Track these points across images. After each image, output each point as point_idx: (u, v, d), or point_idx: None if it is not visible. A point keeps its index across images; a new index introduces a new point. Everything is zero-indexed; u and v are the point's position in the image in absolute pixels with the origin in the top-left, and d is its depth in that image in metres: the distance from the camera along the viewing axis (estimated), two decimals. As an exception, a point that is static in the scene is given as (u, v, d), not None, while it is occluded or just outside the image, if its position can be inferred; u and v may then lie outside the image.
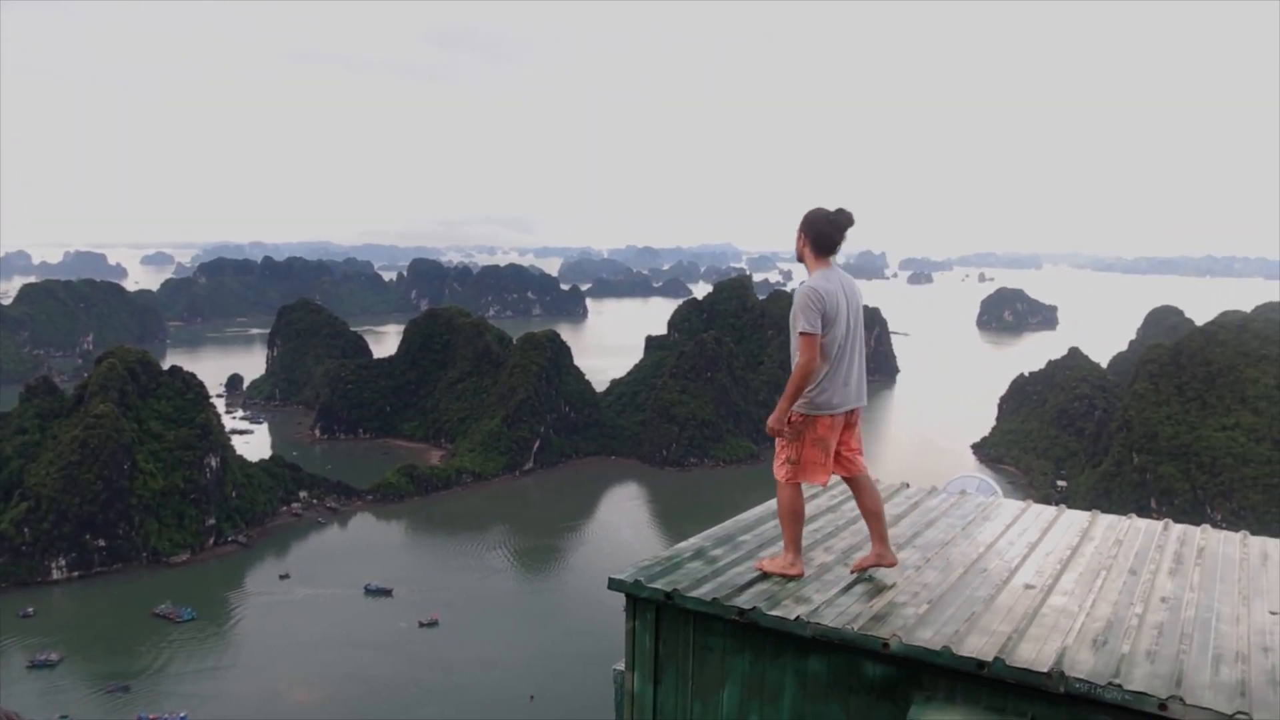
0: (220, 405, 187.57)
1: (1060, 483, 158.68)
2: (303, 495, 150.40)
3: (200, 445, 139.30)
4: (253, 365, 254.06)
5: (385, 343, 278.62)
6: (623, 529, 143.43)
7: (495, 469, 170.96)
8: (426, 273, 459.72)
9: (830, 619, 6.20)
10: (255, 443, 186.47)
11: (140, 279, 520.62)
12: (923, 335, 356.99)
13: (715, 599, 6.50)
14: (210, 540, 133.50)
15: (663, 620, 6.76)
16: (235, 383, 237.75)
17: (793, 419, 7.25)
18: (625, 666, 7.03)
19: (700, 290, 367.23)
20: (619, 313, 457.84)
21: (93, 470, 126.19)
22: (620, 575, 6.91)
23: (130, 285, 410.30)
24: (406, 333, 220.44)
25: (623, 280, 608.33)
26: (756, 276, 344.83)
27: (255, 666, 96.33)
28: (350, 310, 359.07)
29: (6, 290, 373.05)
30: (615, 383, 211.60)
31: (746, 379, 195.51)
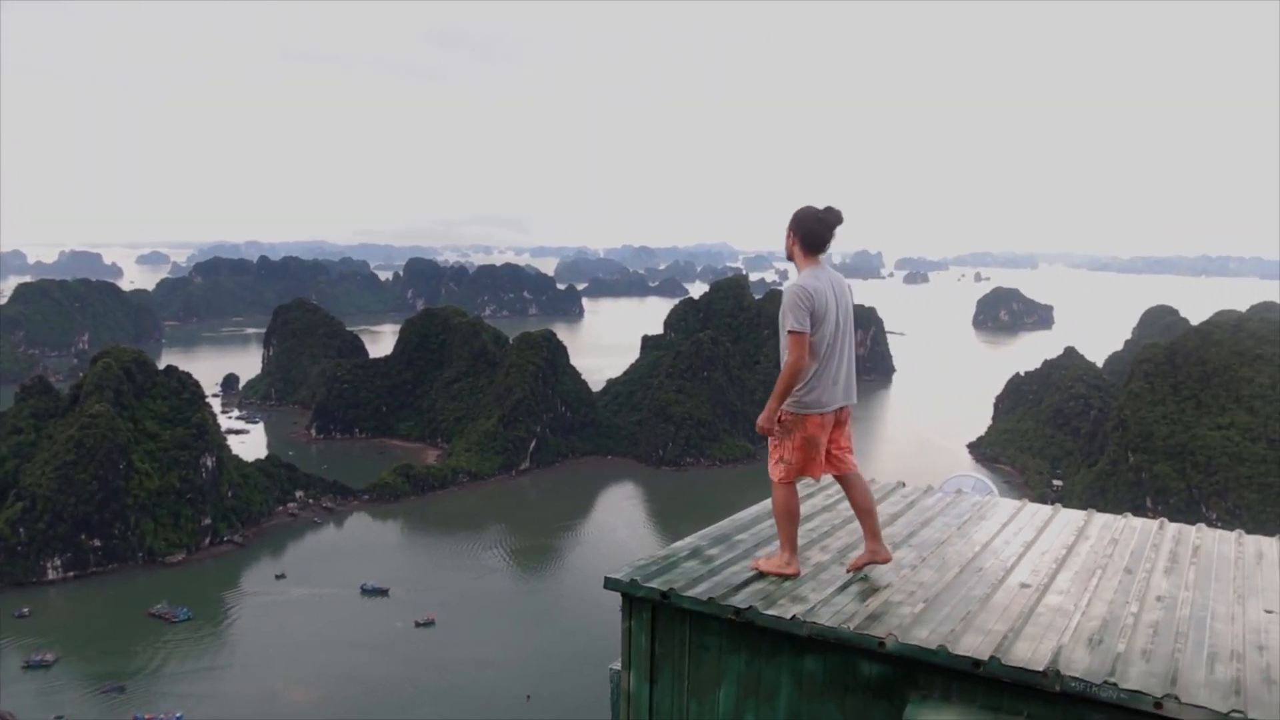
0: (216, 405, 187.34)
1: (1056, 482, 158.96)
2: (299, 495, 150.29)
3: (196, 445, 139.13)
4: (249, 365, 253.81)
5: (381, 342, 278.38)
6: (619, 528, 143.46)
7: (491, 469, 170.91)
8: (422, 272, 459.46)
9: (826, 618, 6.20)
10: (251, 442, 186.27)
11: (136, 279, 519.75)
12: (919, 335, 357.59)
13: (711, 598, 6.50)
14: (206, 540, 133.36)
15: (659, 620, 6.76)
16: (231, 382, 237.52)
17: (782, 418, 7.25)
18: (621, 666, 7.03)
19: (696, 290, 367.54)
20: (615, 312, 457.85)
21: (88, 470, 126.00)
22: (616, 575, 6.91)
23: (126, 285, 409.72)
24: (402, 332, 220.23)
25: (619, 280, 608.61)
26: (753, 276, 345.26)
27: (251, 666, 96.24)
28: (346, 310, 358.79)
29: (1, 290, 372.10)
30: (611, 382, 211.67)
31: (743, 378, 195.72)
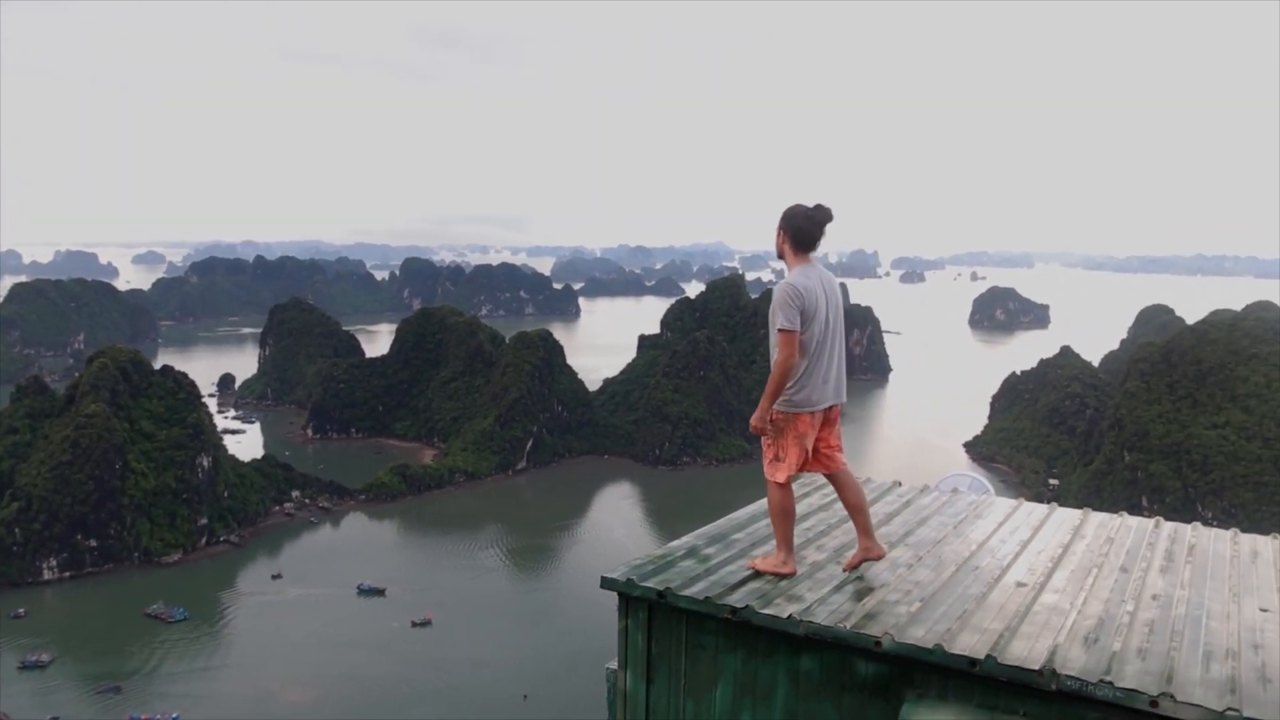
0: (212, 405, 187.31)
1: (1052, 481, 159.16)
2: (295, 495, 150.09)
3: (192, 445, 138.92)
4: (245, 365, 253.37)
5: (377, 342, 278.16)
6: (616, 528, 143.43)
7: (488, 468, 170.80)
8: (419, 272, 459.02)
9: (823, 617, 6.20)
10: (247, 442, 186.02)
11: (132, 278, 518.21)
12: (915, 334, 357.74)
13: (708, 598, 6.50)
14: (202, 540, 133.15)
15: (655, 619, 6.76)
16: (227, 382, 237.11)
17: (774, 417, 7.25)
18: (618, 665, 7.03)
19: (693, 289, 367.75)
20: (612, 312, 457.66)
21: (84, 470, 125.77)
22: (613, 574, 6.91)
23: (122, 284, 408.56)
24: (399, 332, 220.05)
25: (615, 279, 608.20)
26: (749, 275, 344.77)
27: (247, 667, 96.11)
28: (342, 309, 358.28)
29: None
30: (608, 382, 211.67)
31: (739, 378, 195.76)
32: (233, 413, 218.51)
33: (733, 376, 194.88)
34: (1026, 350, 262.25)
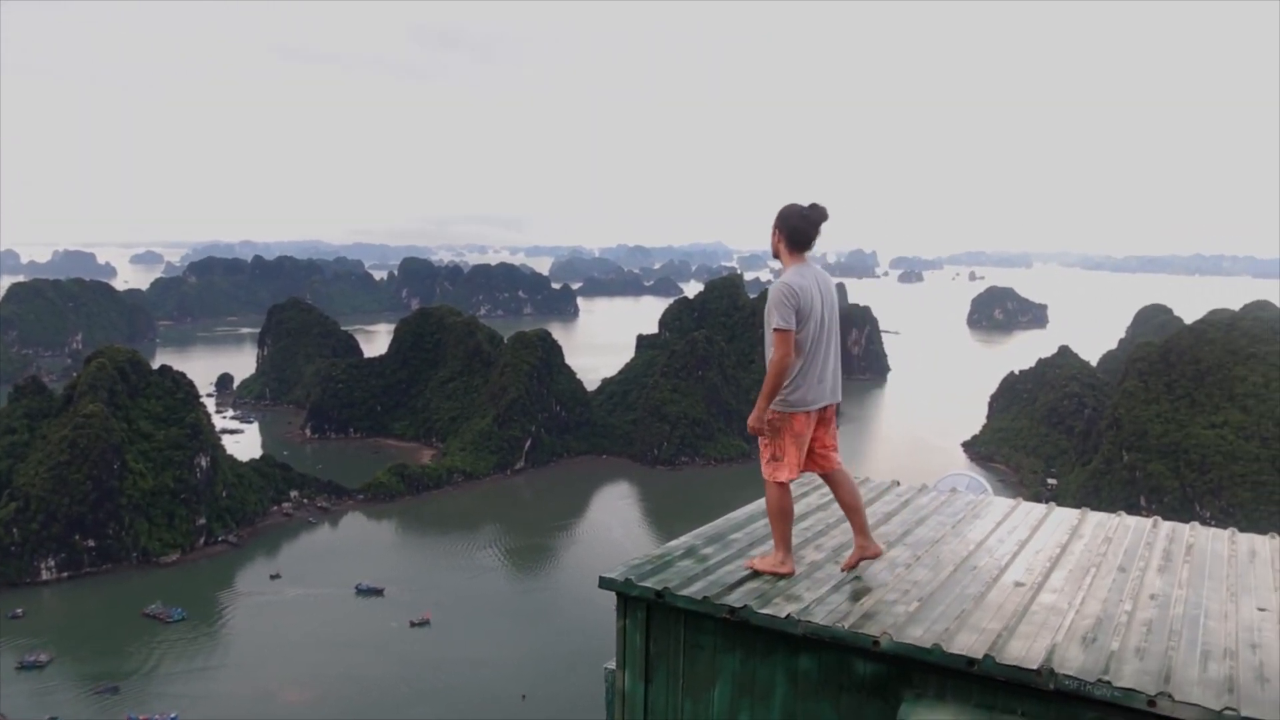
0: (210, 405, 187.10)
1: (1050, 480, 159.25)
2: (293, 495, 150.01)
3: (190, 445, 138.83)
4: (243, 365, 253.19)
5: (376, 342, 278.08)
6: (614, 528, 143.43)
7: (486, 468, 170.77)
8: (417, 272, 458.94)
9: (821, 617, 6.20)
10: (245, 442, 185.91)
11: (130, 278, 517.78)
12: (913, 334, 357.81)
13: (706, 597, 6.50)
14: (200, 540, 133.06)
15: (653, 619, 6.76)
16: (225, 382, 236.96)
17: (770, 417, 7.25)
18: (616, 665, 7.03)
19: (691, 289, 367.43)
20: (610, 312, 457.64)
21: (82, 470, 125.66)
22: (611, 574, 6.91)
23: (119, 284, 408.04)
24: (397, 332, 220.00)
25: (614, 279, 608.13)
26: (748, 275, 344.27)
27: (246, 667, 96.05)
28: (341, 309, 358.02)
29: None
30: (607, 381, 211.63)
31: (738, 378, 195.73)
32: (231, 413, 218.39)
33: (731, 376, 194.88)
34: (1025, 350, 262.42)
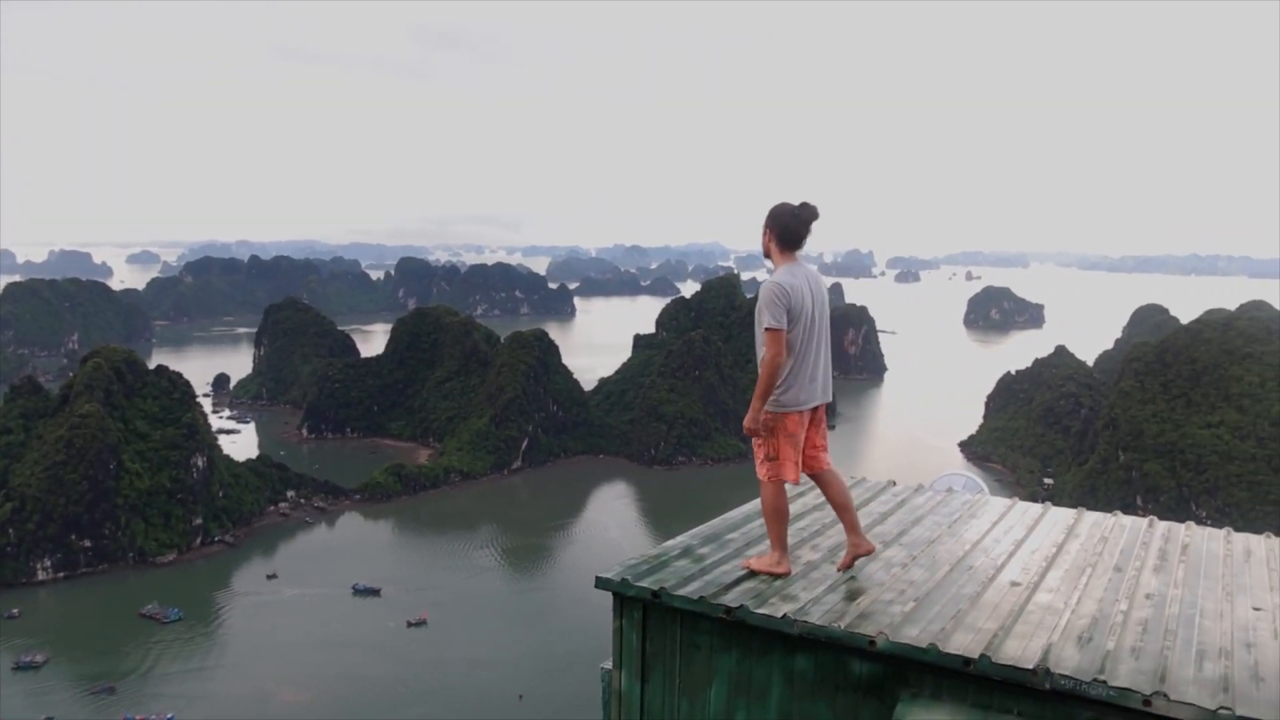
0: (207, 405, 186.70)
1: (1047, 480, 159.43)
2: (290, 495, 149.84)
3: (187, 445, 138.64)
4: (239, 364, 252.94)
5: (373, 342, 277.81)
6: (611, 528, 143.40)
7: (483, 468, 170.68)
8: (414, 272, 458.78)
9: (817, 617, 6.20)
10: (242, 442, 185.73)
11: (126, 278, 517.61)
12: (910, 334, 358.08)
13: (702, 597, 6.50)
14: (197, 540, 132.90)
15: (650, 619, 6.75)
16: (222, 382, 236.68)
17: (764, 417, 7.24)
18: (612, 665, 7.02)
19: (688, 289, 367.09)
20: (607, 311, 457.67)
21: (78, 470, 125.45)
22: (607, 574, 6.90)
23: (116, 284, 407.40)
24: (394, 332, 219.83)
25: (611, 279, 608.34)
26: (744, 275, 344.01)
27: (242, 667, 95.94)
28: (337, 309, 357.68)
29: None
30: (603, 381, 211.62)
31: (734, 377, 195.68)
32: (227, 412, 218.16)
33: (728, 376, 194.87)
34: (1021, 350, 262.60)
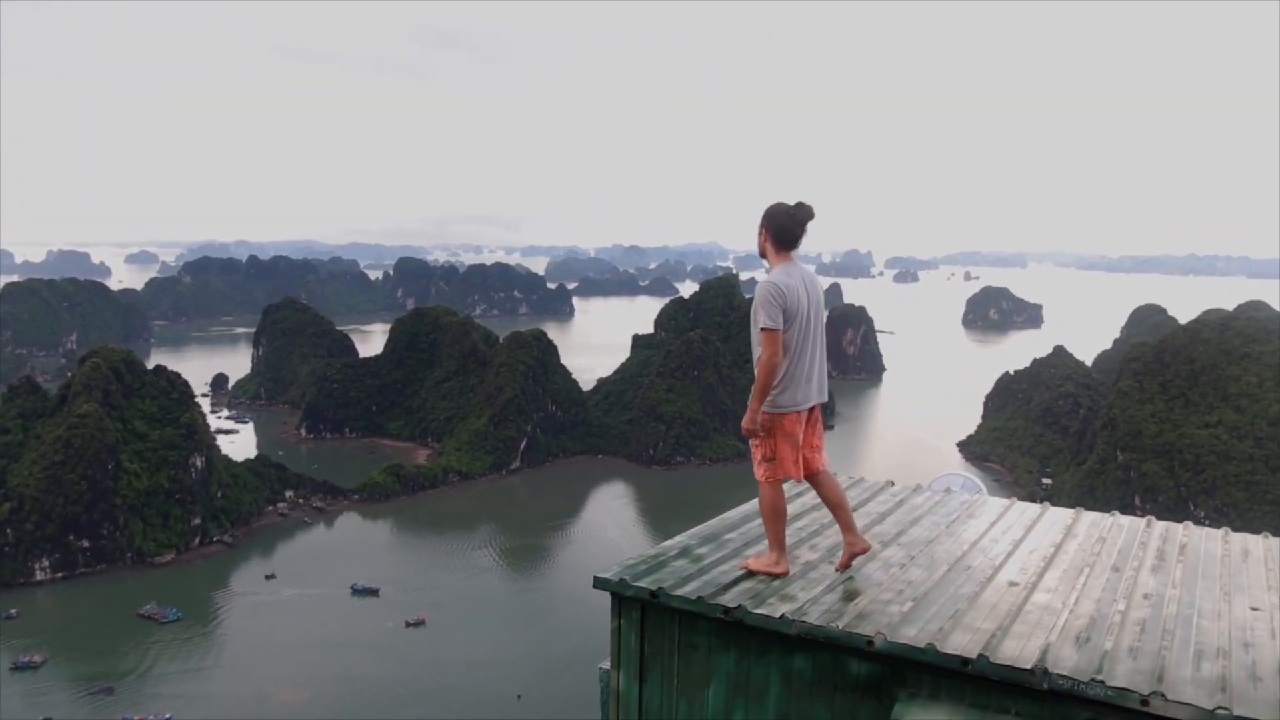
0: (205, 405, 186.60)
1: (1045, 480, 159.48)
2: (288, 495, 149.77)
3: (185, 445, 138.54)
4: (238, 364, 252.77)
5: (371, 342, 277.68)
6: (609, 527, 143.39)
7: (482, 468, 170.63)
8: (412, 271, 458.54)
9: (815, 617, 6.20)
10: (241, 442, 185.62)
11: (124, 278, 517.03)
12: (908, 334, 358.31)
13: (700, 597, 6.50)
14: (195, 540, 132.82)
15: (648, 619, 6.75)
16: (220, 382, 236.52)
17: (761, 418, 7.24)
18: (610, 665, 7.02)
19: (687, 289, 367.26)
20: (606, 311, 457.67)
21: (76, 470, 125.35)
22: (605, 574, 6.89)
23: (114, 284, 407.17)
24: (392, 332, 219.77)
25: (609, 279, 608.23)
26: (743, 275, 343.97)
27: (241, 667, 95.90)
28: (336, 309, 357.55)
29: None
30: (602, 381, 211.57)
31: (733, 377, 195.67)
32: (226, 413, 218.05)
33: (726, 376, 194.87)
34: (1020, 350, 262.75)
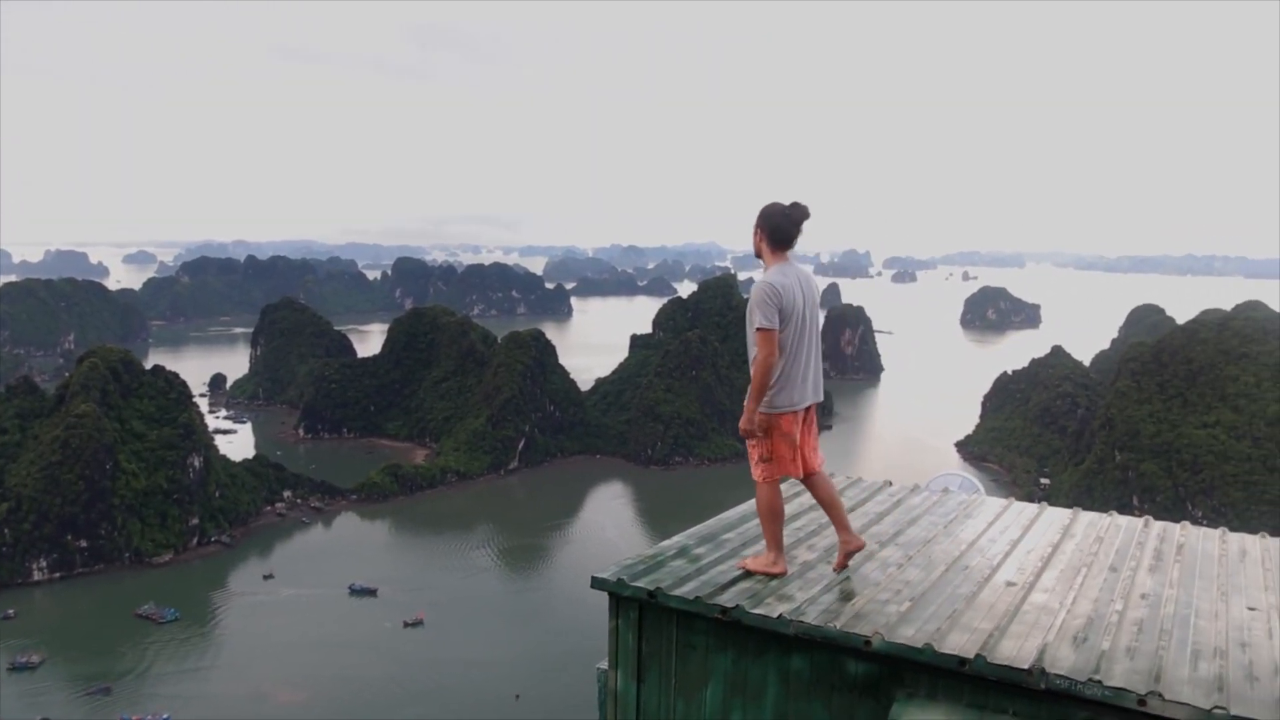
0: (203, 405, 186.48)
1: (1043, 480, 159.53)
2: (287, 495, 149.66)
3: (183, 445, 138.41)
4: (236, 364, 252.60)
5: (369, 342, 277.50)
6: (607, 528, 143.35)
7: (480, 468, 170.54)
8: (411, 271, 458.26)
9: (813, 617, 6.21)
10: (239, 442, 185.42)
11: (122, 278, 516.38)
12: (907, 334, 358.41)
13: (698, 597, 6.50)
14: (193, 540, 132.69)
15: (646, 619, 6.75)
16: (218, 382, 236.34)
17: (758, 418, 7.25)
18: (609, 665, 7.02)
19: (685, 289, 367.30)
20: (604, 311, 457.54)
21: (74, 470, 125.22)
22: (603, 574, 6.90)
23: (112, 284, 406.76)
24: (391, 332, 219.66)
25: (608, 279, 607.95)
26: (741, 275, 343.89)
27: (239, 667, 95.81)
28: (334, 309, 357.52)
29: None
30: (600, 381, 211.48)
31: (731, 378, 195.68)
32: (224, 413, 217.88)
33: (725, 376, 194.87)
34: (1018, 350, 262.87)
